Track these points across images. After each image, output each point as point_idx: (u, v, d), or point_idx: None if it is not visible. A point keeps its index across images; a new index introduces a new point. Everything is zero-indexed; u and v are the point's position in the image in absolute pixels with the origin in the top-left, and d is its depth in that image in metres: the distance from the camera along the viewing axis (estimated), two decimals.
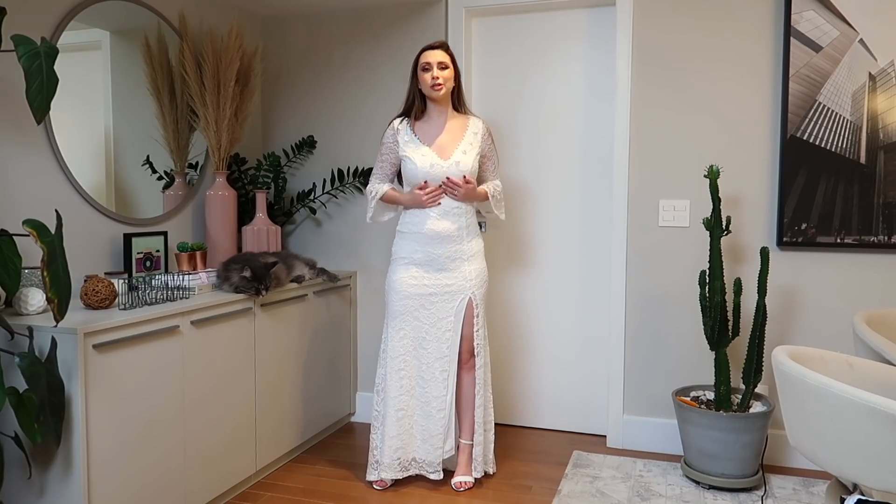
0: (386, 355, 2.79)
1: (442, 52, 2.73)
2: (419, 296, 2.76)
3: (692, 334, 3.10)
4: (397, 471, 2.77)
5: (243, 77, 3.20)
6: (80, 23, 2.61)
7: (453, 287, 2.75)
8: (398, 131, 2.79)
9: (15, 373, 2.01)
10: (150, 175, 2.97)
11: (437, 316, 2.76)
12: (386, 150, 2.82)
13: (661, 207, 3.11)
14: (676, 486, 2.80)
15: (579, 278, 3.38)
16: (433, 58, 2.70)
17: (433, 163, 2.72)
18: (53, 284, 1.91)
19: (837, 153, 2.85)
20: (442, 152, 2.74)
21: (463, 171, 2.72)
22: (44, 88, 1.93)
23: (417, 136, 2.78)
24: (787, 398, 1.67)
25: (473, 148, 2.78)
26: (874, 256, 2.88)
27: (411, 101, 2.81)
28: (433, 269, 2.75)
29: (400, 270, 2.78)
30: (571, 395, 3.43)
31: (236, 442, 2.69)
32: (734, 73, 2.99)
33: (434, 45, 2.76)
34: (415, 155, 2.74)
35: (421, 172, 2.72)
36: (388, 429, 2.75)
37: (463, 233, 2.75)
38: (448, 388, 2.75)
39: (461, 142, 2.77)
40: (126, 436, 2.19)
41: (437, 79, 2.69)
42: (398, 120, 2.82)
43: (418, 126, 2.80)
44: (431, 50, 2.73)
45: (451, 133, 2.78)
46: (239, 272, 2.68)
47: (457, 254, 2.75)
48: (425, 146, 2.75)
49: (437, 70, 2.69)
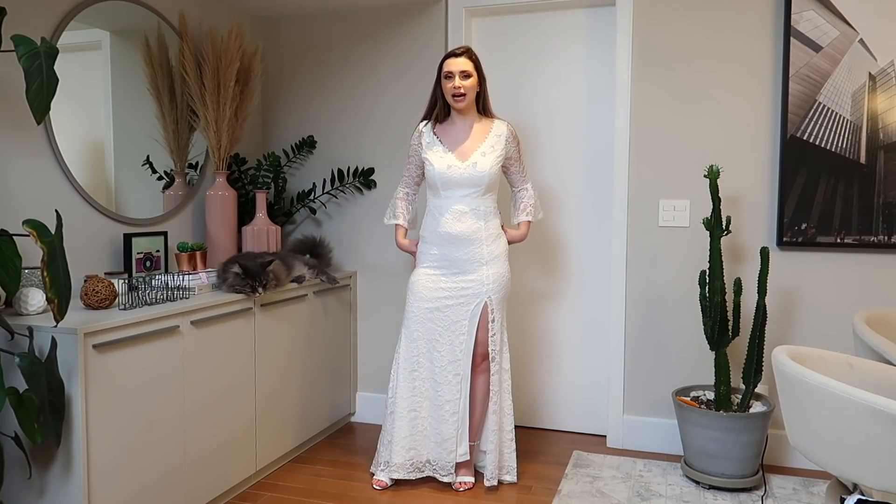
0: (399, 356, 2.79)
1: (465, 59, 2.69)
2: (436, 298, 2.75)
3: (692, 334, 3.10)
4: (410, 471, 2.77)
5: (243, 77, 3.20)
6: (80, 23, 2.61)
7: (469, 291, 2.73)
8: (422, 134, 2.81)
9: (15, 373, 2.01)
10: (150, 175, 2.97)
11: (451, 319, 2.74)
12: (412, 153, 2.86)
13: (661, 207, 3.11)
14: (676, 486, 2.80)
15: (579, 278, 3.38)
16: (455, 66, 2.68)
17: (450, 164, 2.72)
18: (53, 284, 1.91)
19: (837, 153, 2.85)
20: (461, 155, 2.74)
21: (480, 172, 2.70)
22: (44, 88, 1.93)
23: (439, 138, 2.78)
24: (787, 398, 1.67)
25: (494, 150, 2.75)
26: (874, 256, 2.88)
27: (434, 106, 2.79)
28: (450, 271, 2.75)
29: (419, 273, 2.80)
30: (571, 395, 3.43)
31: (236, 442, 2.69)
32: (734, 73, 2.99)
33: (457, 52, 2.71)
34: (434, 157, 2.75)
35: (438, 174, 2.73)
36: (398, 429, 2.75)
37: (482, 234, 2.73)
38: (462, 391, 2.73)
39: (482, 144, 2.76)
40: (126, 436, 2.19)
41: (459, 88, 2.68)
42: (423, 123, 2.83)
43: (441, 129, 2.80)
44: (454, 58, 2.70)
45: (474, 136, 2.77)
46: (232, 270, 2.68)
47: (475, 256, 2.73)
48: (446, 149, 2.76)
49: (459, 80, 2.67)
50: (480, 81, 2.76)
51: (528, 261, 3.44)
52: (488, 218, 2.75)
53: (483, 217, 2.74)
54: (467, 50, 2.73)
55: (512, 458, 2.82)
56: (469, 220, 2.72)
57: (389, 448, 2.77)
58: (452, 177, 2.71)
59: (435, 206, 2.79)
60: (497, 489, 2.78)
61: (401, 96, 3.46)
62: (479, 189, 2.72)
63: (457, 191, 2.73)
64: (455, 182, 2.72)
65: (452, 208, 2.73)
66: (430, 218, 2.79)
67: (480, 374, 2.78)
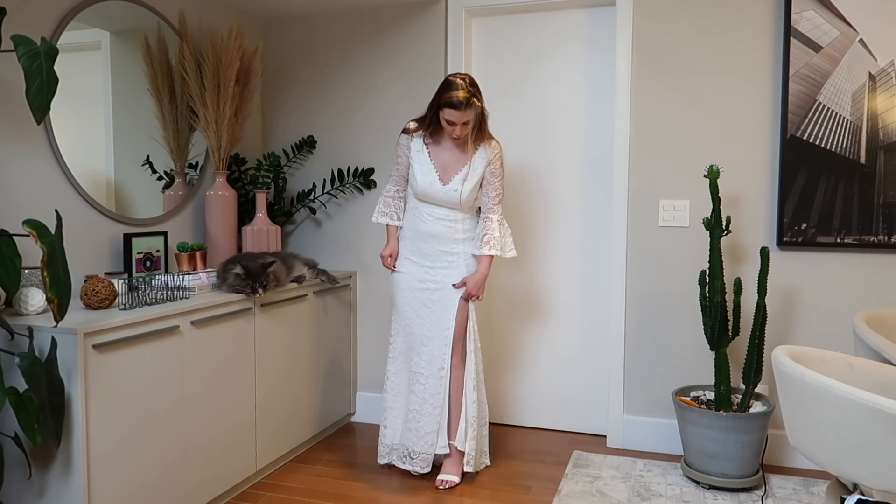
0: (390, 351, 2.91)
1: (467, 111, 2.60)
2: (417, 290, 2.81)
3: (692, 334, 3.10)
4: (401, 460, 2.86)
5: (243, 77, 3.20)
6: (80, 23, 2.61)
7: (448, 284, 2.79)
8: (412, 137, 2.81)
9: (15, 373, 2.01)
10: (150, 175, 2.97)
11: (437, 315, 2.79)
12: (400, 153, 2.85)
13: (661, 207, 3.11)
14: (676, 486, 2.80)
15: (579, 278, 3.38)
16: (457, 119, 2.62)
17: (432, 182, 2.75)
18: (53, 284, 1.91)
19: (837, 153, 2.85)
20: (444, 174, 2.75)
21: (458, 197, 2.73)
22: (44, 88, 1.93)
23: (428, 149, 2.79)
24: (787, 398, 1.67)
25: (475, 175, 2.75)
26: (874, 256, 2.88)
27: (428, 123, 2.74)
28: (427, 261, 2.80)
29: (399, 265, 2.87)
30: (571, 395, 3.43)
31: (236, 442, 2.69)
32: (734, 72, 2.99)
33: (459, 100, 2.58)
34: (418, 169, 2.77)
35: (419, 189, 2.78)
36: (391, 421, 2.90)
37: (458, 235, 2.79)
38: (443, 386, 2.78)
39: (464, 167, 2.75)
40: (126, 436, 2.19)
41: (459, 138, 2.69)
42: (414, 124, 2.81)
43: (432, 140, 2.79)
44: (455, 110, 2.59)
45: (459, 159, 2.76)
46: (233, 271, 2.69)
47: (450, 249, 2.78)
48: (431, 162, 2.76)
49: (460, 129, 2.65)
50: (481, 118, 2.70)
51: (528, 261, 3.44)
52: (465, 223, 2.81)
53: (461, 222, 2.80)
54: (467, 98, 2.59)
55: (485, 443, 2.91)
56: (446, 224, 2.78)
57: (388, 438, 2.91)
58: (432, 194, 2.77)
59: (414, 206, 2.86)
60: (497, 489, 2.78)
61: (401, 96, 3.46)
62: (458, 209, 2.78)
63: (435, 204, 2.79)
64: (434, 199, 2.78)
65: (431, 213, 2.79)
66: (408, 220, 2.86)
67: (455, 370, 2.80)
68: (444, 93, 2.63)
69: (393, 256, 2.87)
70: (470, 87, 2.62)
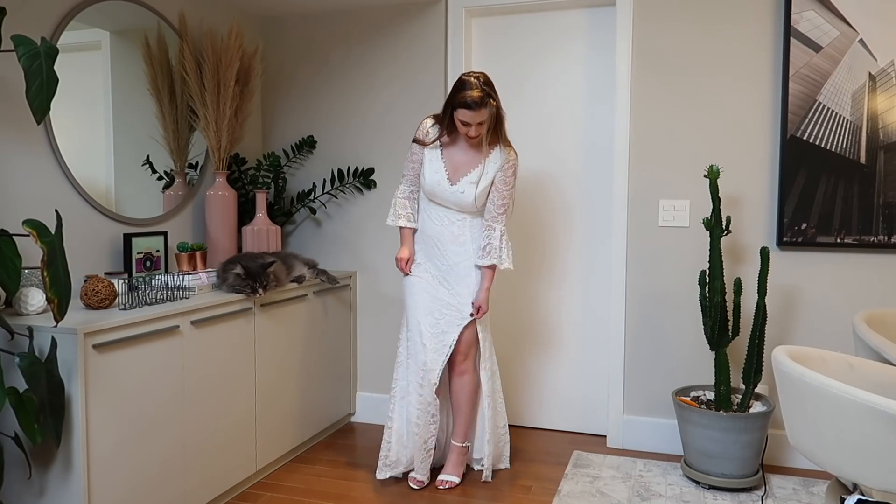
0: (398, 356, 2.86)
1: (481, 111, 2.54)
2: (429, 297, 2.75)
3: (692, 334, 3.10)
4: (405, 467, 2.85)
5: (243, 77, 3.20)
6: (80, 23, 2.61)
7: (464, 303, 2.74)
8: (428, 134, 2.74)
9: (15, 373, 2.01)
10: (150, 175, 2.97)
11: (441, 329, 2.75)
12: (415, 150, 2.79)
13: (661, 207, 3.11)
14: (676, 486, 2.80)
15: (579, 278, 3.38)
16: (472, 119, 2.56)
17: (440, 181, 2.71)
18: (53, 284, 1.91)
19: (837, 153, 2.85)
20: (453, 174, 2.71)
21: (466, 199, 2.69)
22: (44, 88, 1.92)
23: (441, 147, 2.75)
24: (787, 398, 1.67)
25: (485, 179, 2.70)
26: (874, 256, 2.88)
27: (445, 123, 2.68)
28: (440, 272, 2.76)
29: (413, 269, 2.83)
30: (571, 395, 3.43)
31: (236, 442, 2.69)
32: (734, 73, 2.99)
33: (474, 99, 2.52)
34: (429, 167, 2.73)
35: (427, 187, 2.75)
36: (396, 428, 2.83)
37: (464, 238, 2.75)
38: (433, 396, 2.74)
39: (475, 170, 2.70)
40: (126, 436, 2.19)
41: (474, 137, 2.63)
42: (430, 122, 2.75)
43: (447, 139, 2.73)
44: (469, 110, 2.54)
45: (471, 160, 2.71)
46: (233, 271, 2.69)
47: (461, 256, 2.74)
48: (442, 160, 2.73)
49: (475, 129, 2.59)
50: (497, 118, 2.63)
51: (528, 261, 3.44)
52: (473, 229, 2.76)
53: (468, 227, 2.76)
54: (481, 99, 2.53)
55: (506, 448, 2.93)
56: (452, 226, 2.75)
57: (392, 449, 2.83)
58: (438, 193, 2.74)
59: (424, 207, 2.84)
60: (497, 489, 2.78)
61: (401, 96, 3.46)
62: (465, 211, 2.76)
63: (442, 205, 2.77)
64: (440, 198, 2.75)
65: (438, 214, 2.77)
66: (421, 221, 2.84)
67: (463, 375, 2.79)
68: (457, 93, 2.57)
69: (409, 260, 2.81)
70: (484, 86, 2.56)
